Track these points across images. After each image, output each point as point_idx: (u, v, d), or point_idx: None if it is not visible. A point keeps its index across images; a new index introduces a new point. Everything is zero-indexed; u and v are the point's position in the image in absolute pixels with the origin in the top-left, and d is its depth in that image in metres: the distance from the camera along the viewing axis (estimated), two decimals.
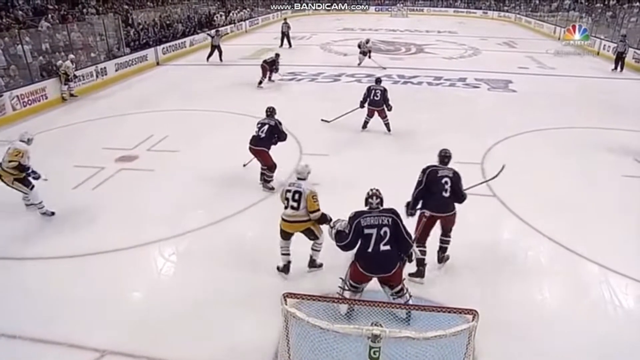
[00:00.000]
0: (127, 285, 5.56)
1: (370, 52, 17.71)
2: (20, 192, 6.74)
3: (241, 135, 10.02)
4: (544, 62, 19.77)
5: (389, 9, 42.07)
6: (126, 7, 21.91)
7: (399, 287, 4.50)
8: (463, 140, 10.01)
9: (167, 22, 22.60)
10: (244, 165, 8.13)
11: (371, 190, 4.56)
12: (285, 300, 3.52)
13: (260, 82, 14.42)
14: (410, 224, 4.82)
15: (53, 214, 6.83)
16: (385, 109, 10.01)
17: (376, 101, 9.95)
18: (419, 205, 5.37)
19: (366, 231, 4.31)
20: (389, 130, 10.31)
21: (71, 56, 13.52)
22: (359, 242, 4.38)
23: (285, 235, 5.42)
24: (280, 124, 7.52)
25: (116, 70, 15.96)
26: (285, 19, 24.07)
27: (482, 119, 11.78)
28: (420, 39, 25.56)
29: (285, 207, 5.35)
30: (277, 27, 22.23)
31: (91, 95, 13.90)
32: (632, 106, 13.26)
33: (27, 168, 6.58)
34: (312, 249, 5.55)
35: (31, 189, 6.68)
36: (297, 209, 5.24)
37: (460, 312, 3.61)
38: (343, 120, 10.63)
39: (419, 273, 5.37)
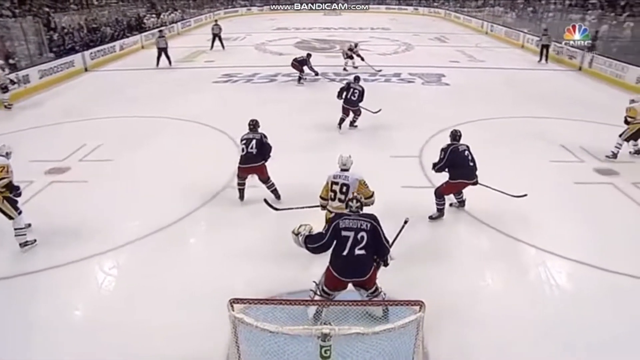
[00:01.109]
0: (65, 304, 5.28)
1: (355, 55, 17.22)
2: (6, 215, 5.98)
3: (179, 141, 9.95)
4: (474, 56, 20.60)
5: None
6: (47, 9, 20.74)
7: (373, 288, 4.52)
8: (401, 134, 10.29)
9: (94, 25, 21.67)
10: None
11: (352, 193, 4.75)
12: (232, 306, 3.45)
13: (300, 79, 14.94)
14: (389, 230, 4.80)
15: (35, 241, 6.22)
16: (361, 109, 10.17)
17: (353, 101, 10.03)
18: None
19: (344, 233, 4.27)
20: (352, 125, 10.59)
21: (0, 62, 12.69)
22: (334, 245, 4.33)
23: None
24: (265, 137, 6.98)
25: (40, 78, 14.98)
26: (215, 20, 23.66)
27: (418, 112, 12.08)
28: (355, 36, 25.82)
29: (332, 199, 5.47)
30: (210, 28, 21.73)
31: (15, 104, 13.04)
32: (556, 95, 14.04)
33: (17, 187, 6.01)
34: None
35: (19, 213, 6.04)
36: (344, 201, 5.24)
37: (407, 304, 3.67)
38: (285, 122, 10.62)
39: (436, 217, 6.74)
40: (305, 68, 14.95)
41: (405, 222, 4.69)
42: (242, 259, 5.86)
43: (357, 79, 10.53)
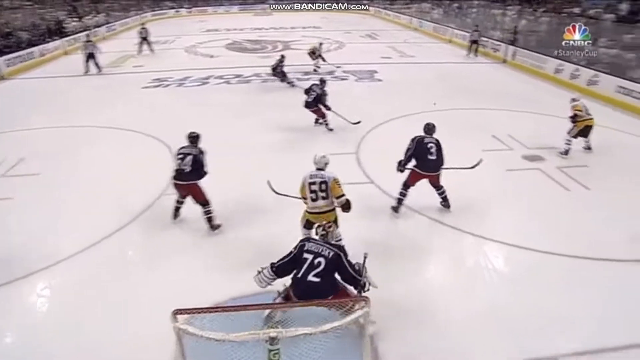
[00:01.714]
0: None
1: (321, 55, 17.05)
2: None
3: (109, 150, 9.53)
4: (405, 51, 21.14)
5: (253, 8, 42.00)
6: None
7: None
8: (337, 132, 10.35)
9: (7, 29, 20.33)
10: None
11: (324, 221, 4.72)
12: (176, 317, 3.34)
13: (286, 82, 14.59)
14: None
15: None
16: (322, 108, 10.25)
17: (308, 102, 10.06)
18: (410, 165, 6.67)
19: (304, 255, 4.27)
20: (318, 123, 10.72)
21: None
22: (296, 265, 4.30)
23: (311, 225, 5.52)
24: (202, 153, 6.28)
25: None
26: (142, 23, 22.86)
27: (352, 109, 12.16)
28: (286, 36, 25.86)
29: (314, 200, 5.39)
30: (137, 32, 20.98)
31: None
32: (483, 87, 14.64)
33: None
34: (337, 241, 5.46)
35: None
36: (327, 198, 5.38)
37: (352, 301, 3.69)
38: (220, 125, 10.44)
39: (395, 209, 6.86)
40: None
41: (365, 257, 4.59)
42: (181, 270, 5.70)
43: (322, 81, 10.52)
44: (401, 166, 6.71)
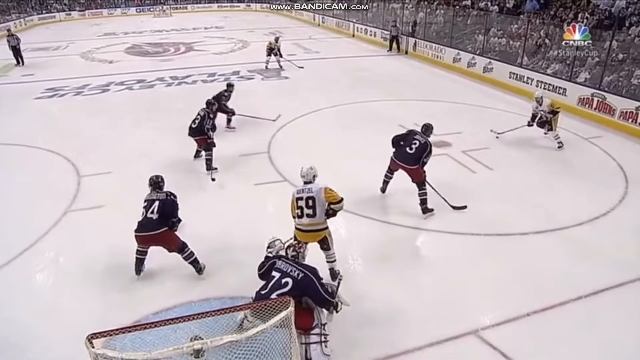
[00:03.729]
0: None
1: (279, 51, 16.56)
2: None
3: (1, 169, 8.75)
4: (309, 47, 21.33)
5: (151, 9, 40.44)
6: None
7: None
8: (247, 132, 10.24)
9: None
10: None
11: (295, 243, 4.51)
12: (91, 342, 3.11)
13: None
14: None
15: None
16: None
17: (194, 128, 8.60)
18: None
19: (273, 273, 4.11)
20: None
21: None
22: (264, 278, 4.17)
23: (299, 243, 4.94)
24: (172, 196, 5.45)
25: None
26: (8, 30, 20.08)
27: (261, 108, 12.11)
28: (189, 37, 25.18)
29: (300, 217, 5.03)
30: (22, 36, 19.29)
31: None
32: (387, 78, 15.15)
33: None
34: (328, 262, 5.33)
35: None
36: (313, 215, 5.00)
37: (277, 302, 3.64)
38: (127, 133, 9.95)
39: (382, 190, 7.37)
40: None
41: (339, 280, 4.50)
42: (91, 292, 5.34)
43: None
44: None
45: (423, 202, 6.86)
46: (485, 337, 4.59)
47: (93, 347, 3.10)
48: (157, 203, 5.30)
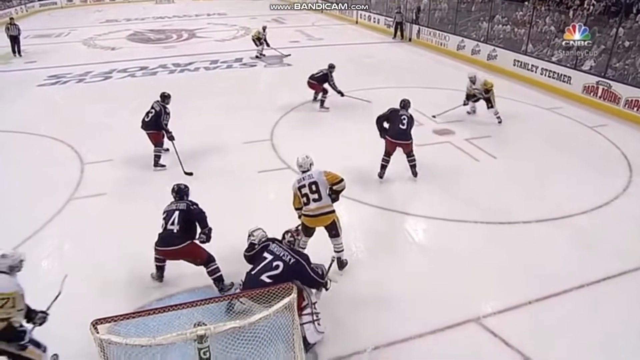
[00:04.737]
0: None
1: (266, 40, 16.43)
2: None
3: (4, 157, 8.74)
4: (313, 35, 21.19)
5: None
6: None
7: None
8: (249, 119, 10.24)
9: None
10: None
11: (290, 230, 4.56)
12: (96, 328, 3.14)
13: (315, 99, 11.27)
14: None
15: None
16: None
17: (147, 122, 7.99)
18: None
19: (265, 254, 4.23)
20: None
21: None
22: (254, 261, 4.28)
23: (310, 232, 5.20)
24: (194, 205, 5.06)
25: None
26: (11, 18, 19.25)
27: (264, 96, 12.11)
28: (191, 24, 25.02)
29: (306, 204, 5.06)
30: (23, 23, 19.07)
31: None
32: (390, 66, 15.08)
33: (21, 333, 3.68)
34: (336, 251, 5.28)
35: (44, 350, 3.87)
36: (320, 199, 5.05)
37: (280, 289, 3.66)
38: (121, 121, 9.95)
39: (379, 175, 7.45)
40: (326, 86, 10.97)
41: (332, 261, 4.58)
42: (94, 279, 5.34)
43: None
44: (381, 136, 7.30)
45: (414, 167, 7.41)
46: (487, 324, 4.61)
47: (97, 333, 3.14)
48: (177, 213, 4.94)
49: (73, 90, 13.34)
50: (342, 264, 5.39)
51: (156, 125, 7.78)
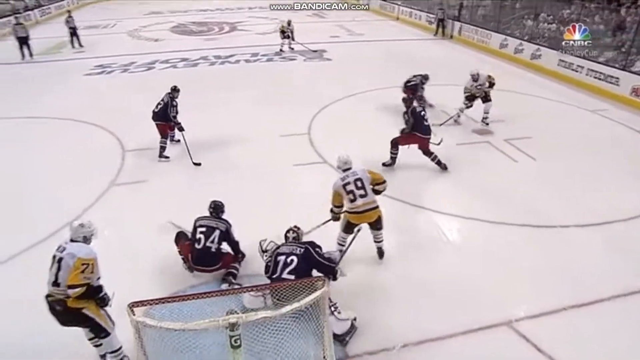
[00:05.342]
0: None
1: (292, 34, 16.51)
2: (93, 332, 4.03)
3: (51, 141, 9.07)
4: (353, 30, 21.08)
5: None
6: None
7: None
8: (288, 112, 10.30)
9: None
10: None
11: (290, 228, 4.76)
12: (132, 310, 3.25)
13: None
14: None
15: None
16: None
17: (156, 112, 8.11)
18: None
19: (278, 258, 4.43)
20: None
21: None
22: (272, 267, 4.45)
23: (352, 229, 5.18)
24: (231, 226, 5.23)
25: None
26: (69, 11, 19.98)
27: (302, 89, 12.16)
28: (233, 17, 25.29)
29: (353, 200, 5.11)
30: (75, 15, 19.65)
31: None
32: (431, 63, 14.75)
33: (99, 290, 3.92)
34: (377, 241, 5.47)
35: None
36: (366, 195, 5.11)
37: (312, 282, 3.70)
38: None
39: (389, 163, 7.68)
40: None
41: (358, 230, 4.82)
42: (132, 263, 5.49)
43: (174, 89, 8.28)
44: (405, 133, 7.48)
45: (440, 162, 7.59)
46: (519, 328, 4.54)
47: (134, 315, 3.25)
48: (217, 233, 5.08)
49: (117, 79, 13.72)
50: (382, 254, 5.54)
51: (164, 116, 7.94)
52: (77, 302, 3.75)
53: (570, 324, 4.64)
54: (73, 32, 17.94)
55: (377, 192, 5.27)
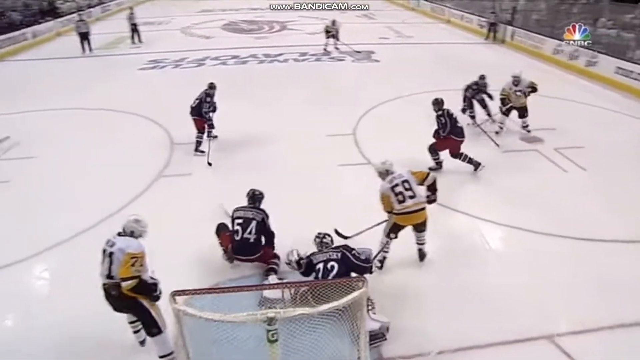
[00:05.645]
0: None
1: (337, 33, 16.68)
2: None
3: (105, 132, 9.44)
4: (402, 32, 20.93)
5: None
6: None
7: None
8: (334, 112, 10.34)
9: None
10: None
11: (318, 235, 4.87)
12: (174, 299, 3.35)
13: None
14: None
15: None
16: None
17: (193, 108, 8.32)
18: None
19: (317, 267, 4.50)
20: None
21: None
22: (313, 274, 4.53)
23: (397, 231, 5.26)
24: (268, 217, 5.29)
25: None
26: (131, 7, 20.68)
27: (350, 90, 12.16)
28: (283, 16, 25.53)
29: (402, 202, 5.11)
30: (127, 17, 20.23)
31: None
32: (480, 68, 14.41)
33: (153, 285, 4.01)
34: (419, 243, 5.46)
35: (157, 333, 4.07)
36: (414, 196, 5.12)
37: (351, 281, 3.70)
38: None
39: (436, 168, 7.60)
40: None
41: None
42: (177, 254, 5.58)
43: (211, 86, 8.44)
44: (440, 136, 7.45)
45: (471, 161, 7.53)
46: (560, 343, 4.38)
47: (176, 303, 3.35)
48: (254, 224, 5.14)
49: (169, 75, 14.14)
50: (423, 256, 5.52)
51: (199, 112, 8.12)
52: (132, 293, 3.86)
53: (614, 344, 4.45)
54: (134, 28, 18.51)
55: (432, 190, 5.27)
